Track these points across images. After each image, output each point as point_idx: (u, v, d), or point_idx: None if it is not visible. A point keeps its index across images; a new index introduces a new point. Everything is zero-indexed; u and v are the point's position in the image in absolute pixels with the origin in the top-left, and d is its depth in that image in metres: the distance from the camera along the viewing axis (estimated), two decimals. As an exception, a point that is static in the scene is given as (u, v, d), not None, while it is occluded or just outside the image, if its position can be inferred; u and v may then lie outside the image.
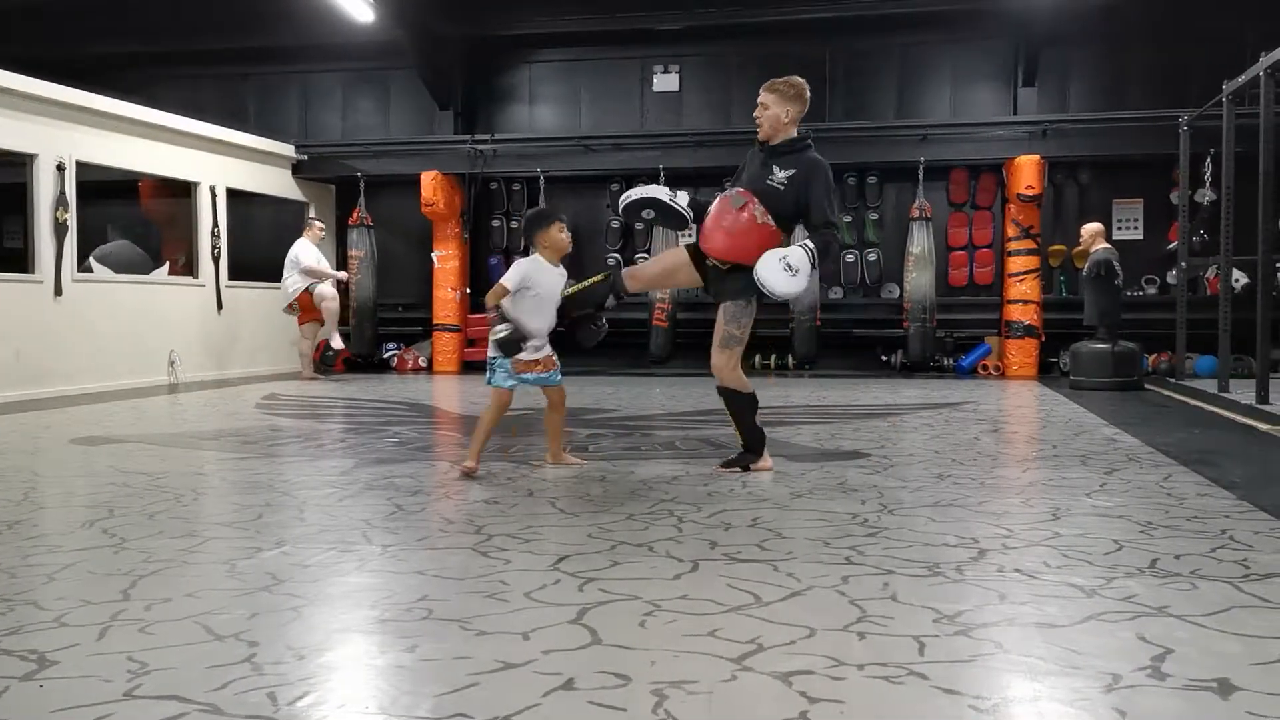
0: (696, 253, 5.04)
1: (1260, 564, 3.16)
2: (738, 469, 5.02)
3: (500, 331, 4.88)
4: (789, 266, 4.68)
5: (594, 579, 3.01)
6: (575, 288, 5.17)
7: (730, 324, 4.96)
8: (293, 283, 11.67)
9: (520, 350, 4.91)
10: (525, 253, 5.17)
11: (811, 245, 4.75)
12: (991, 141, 12.05)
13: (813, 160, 4.88)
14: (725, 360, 4.98)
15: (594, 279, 5.23)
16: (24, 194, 9.62)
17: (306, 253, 11.71)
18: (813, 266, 4.73)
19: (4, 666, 2.30)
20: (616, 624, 2.58)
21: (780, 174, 4.84)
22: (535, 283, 5.01)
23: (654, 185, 5.23)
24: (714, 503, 4.23)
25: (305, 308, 11.74)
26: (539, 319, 5.04)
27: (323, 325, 11.86)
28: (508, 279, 4.97)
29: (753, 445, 5.06)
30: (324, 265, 11.84)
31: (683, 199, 5.03)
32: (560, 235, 5.09)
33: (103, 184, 11.40)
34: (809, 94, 4.97)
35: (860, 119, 12.86)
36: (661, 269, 5.37)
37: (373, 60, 13.99)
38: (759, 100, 4.96)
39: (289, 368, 12.96)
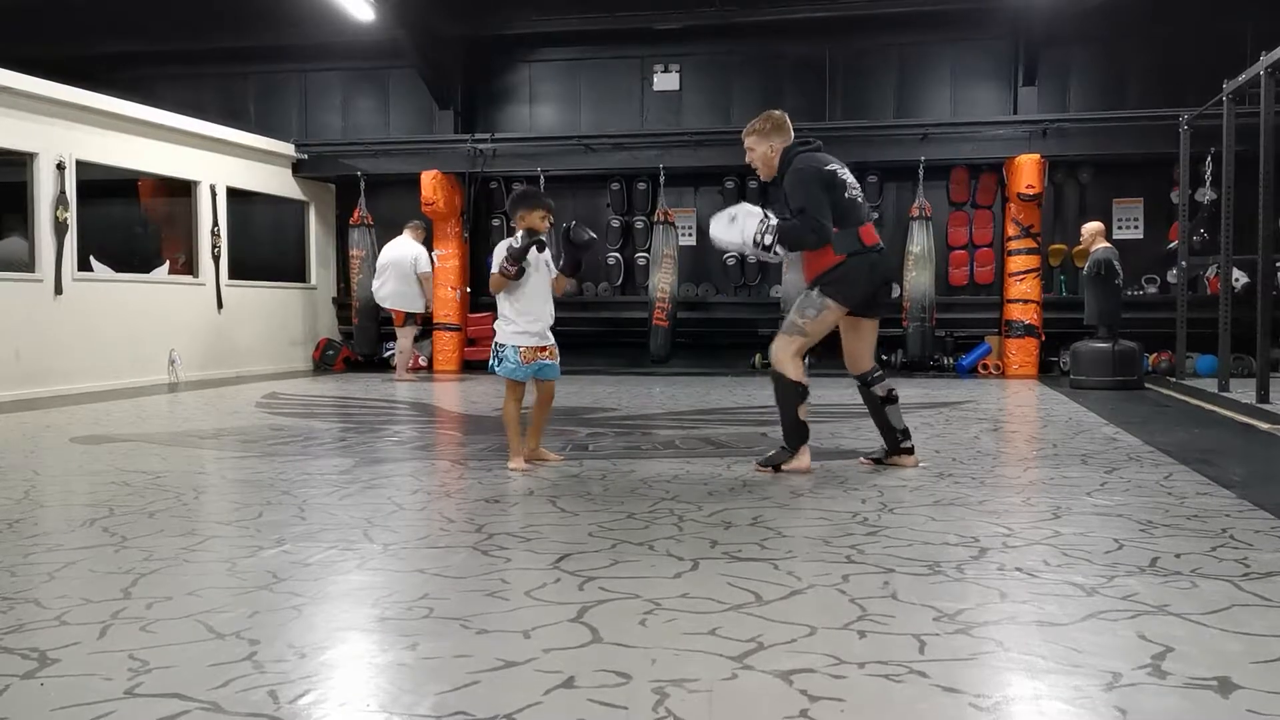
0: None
1: (1260, 562, 3.16)
2: (770, 470, 4.98)
3: (516, 246, 5.01)
4: (731, 217, 4.97)
5: (594, 577, 3.01)
6: None
7: (795, 312, 5.05)
8: (406, 286, 11.48)
9: (538, 245, 5.05)
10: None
11: (772, 217, 4.96)
12: (992, 141, 12.05)
13: (790, 171, 5.02)
14: (782, 345, 5.04)
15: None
16: (24, 193, 9.62)
17: (425, 256, 11.63)
18: (770, 238, 4.90)
19: (5, 665, 2.30)
20: (617, 622, 2.58)
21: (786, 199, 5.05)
22: (528, 260, 5.07)
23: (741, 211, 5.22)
24: (714, 501, 4.23)
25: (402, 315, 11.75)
26: (536, 302, 5.13)
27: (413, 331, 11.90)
28: (498, 262, 5.08)
29: (790, 439, 5.02)
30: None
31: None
32: (542, 223, 5.16)
33: (102, 183, 11.41)
34: (788, 121, 5.14)
35: (860, 118, 12.86)
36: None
37: (373, 59, 13.99)
38: (745, 148, 5.18)
39: (289, 367, 12.98)
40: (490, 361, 5.26)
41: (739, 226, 4.96)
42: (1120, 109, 12.07)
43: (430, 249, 12.79)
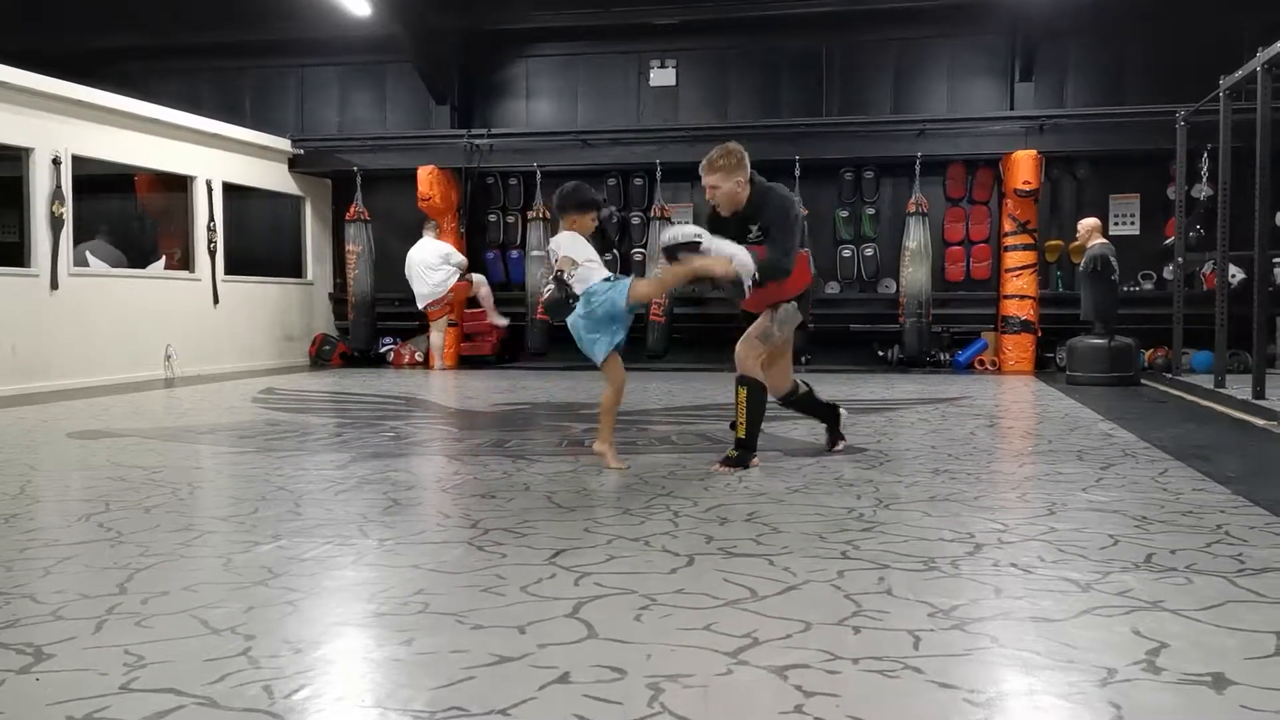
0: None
1: (1255, 559, 3.17)
2: (738, 469, 4.93)
3: (547, 292, 4.77)
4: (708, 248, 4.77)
5: (590, 573, 3.01)
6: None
7: (776, 324, 5.06)
8: (444, 276, 12.21)
9: (568, 309, 4.79)
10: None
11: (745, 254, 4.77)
12: (988, 136, 12.05)
13: (773, 202, 4.98)
14: (750, 351, 5.02)
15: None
16: (20, 188, 9.60)
17: (454, 249, 12.37)
18: (756, 277, 4.80)
19: (1, 660, 2.30)
20: (612, 618, 2.58)
21: (755, 229, 4.97)
22: (591, 256, 4.88)
23: (687, 226, 5.17)
24: (710, 497, 4.24)
25: (450, 302, 12.39)
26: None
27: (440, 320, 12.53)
28: (574, 252, 4.78)
29: (754, 442, 5.03)
30: None
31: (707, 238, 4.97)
32: (591, 224, 4.97)
33: (99, 178, 11.39)
34: (744, 151, 4.98)
35: (857, 114, 12.86)
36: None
37: (369, 54, 13.97)
38: (705, 184, 4.98)
39: (285, 362, 12.97)
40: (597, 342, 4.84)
41: (727, 252, 4.77)
42: (1117, 105, 12.07)
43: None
